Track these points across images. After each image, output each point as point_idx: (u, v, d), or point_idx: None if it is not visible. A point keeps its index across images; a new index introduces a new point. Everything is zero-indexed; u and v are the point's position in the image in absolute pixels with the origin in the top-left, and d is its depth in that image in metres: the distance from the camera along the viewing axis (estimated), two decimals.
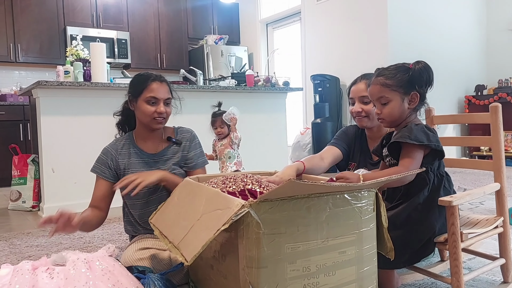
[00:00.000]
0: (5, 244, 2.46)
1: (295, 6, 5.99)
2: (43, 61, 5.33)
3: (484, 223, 1.52)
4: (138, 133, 1.83)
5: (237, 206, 1.07)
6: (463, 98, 5.56)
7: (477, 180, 4.11)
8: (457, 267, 1.35)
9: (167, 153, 1.80)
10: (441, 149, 1.41)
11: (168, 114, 1.76)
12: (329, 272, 1.18)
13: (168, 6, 6.24)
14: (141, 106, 1.71)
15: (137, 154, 1.78)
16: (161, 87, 1.73)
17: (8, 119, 4.81)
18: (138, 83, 1.74)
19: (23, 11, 5.17)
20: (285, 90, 4.38)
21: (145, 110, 1.70)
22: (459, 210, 1.53)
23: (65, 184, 3.30)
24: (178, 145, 1.82)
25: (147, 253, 1.61)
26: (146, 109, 1.70)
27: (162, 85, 1.74)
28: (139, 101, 1.72)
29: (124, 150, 1.80)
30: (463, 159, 1.94)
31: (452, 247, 1.35)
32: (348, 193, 1.20)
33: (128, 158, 1.77)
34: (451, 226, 1.34)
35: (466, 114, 1.74)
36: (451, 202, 1.32)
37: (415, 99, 1.43)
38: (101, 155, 1.80)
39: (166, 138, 1.82)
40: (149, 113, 1.70)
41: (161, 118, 1.72)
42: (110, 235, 2.60)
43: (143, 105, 1.70)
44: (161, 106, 1.71)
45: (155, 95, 1.70)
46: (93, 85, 3.31)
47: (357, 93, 1.82)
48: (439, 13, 5.25)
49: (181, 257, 1.13)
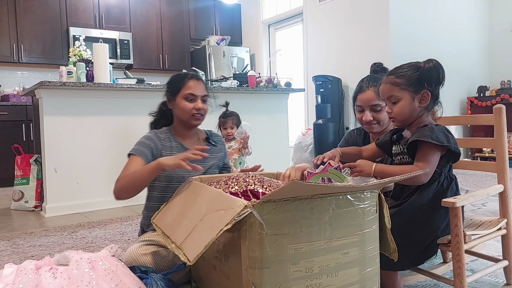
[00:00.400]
0: (7, 243, 2.46)
1: (297, 7, 6.00)
2: (46, 62, 5.34)
3: (487, 225, 1.52)
4: (176, 131, 1.87)
5: (240, 206, 1.07)
6: (465, 99, 5.56)
7: (480, 182, 4.10)
8: (460, 269, 1.35)
9: (205, 152, 1.84)
10: (459, 152, 1.40)
11: (205, 111, 1.83)
12: (332, 273, 1.18)
13: (170, 7, 6.26)
14: (179, 103, 1.78)
15: (179, 148, 1.82)
16: (198, 85, 1.80)
17: (11, 119, 4.82)
18: (176, 82, 1.82)
19: (26, 12, 5.19)
20: (287, 91, 4.38)
21: (184, 107, 1.77)
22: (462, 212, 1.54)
23: (68, 184, 3.31)
24: (215, 146, 1.91)
25: (151, 248, 1.62)
26: (185, 105, 1.77)
27: (199, 82, 1.81)
28: (178, 99, 1.79)
29: (167, 142, 1.83)
30: (466, 160, 1.94)
31: (455, 249, 1.35)
32: (351, 194, 1.20)
33: (170, 151, 1.80)
34: (455, 227, 1.34)
35: (469, 115, 1.73)
36: (455, 204, 1.32)
37: (426, 98, 1.42)
38: (144, 140, 1.80)
39: (204, 138, 1.91)
40: (188, 109, 1.77)
41: (199, 115, 1.79)
42: (112, 235, 2.61)
43: (182, 102, 1.78)
44: (199, 102, 1.78)
45: (193, 91, 1.77)
46: (95, 86, 3.32)
47: (367, 102, 1.79)
48: (442, 14, 5.24)
49: (184, 257, 1.13)
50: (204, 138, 1.92)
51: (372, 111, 1.79)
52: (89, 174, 3.40)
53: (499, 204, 1.56)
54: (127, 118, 3.56)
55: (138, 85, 3.56)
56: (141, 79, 3.87)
